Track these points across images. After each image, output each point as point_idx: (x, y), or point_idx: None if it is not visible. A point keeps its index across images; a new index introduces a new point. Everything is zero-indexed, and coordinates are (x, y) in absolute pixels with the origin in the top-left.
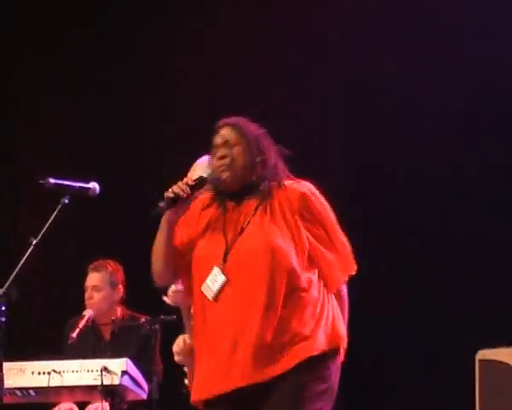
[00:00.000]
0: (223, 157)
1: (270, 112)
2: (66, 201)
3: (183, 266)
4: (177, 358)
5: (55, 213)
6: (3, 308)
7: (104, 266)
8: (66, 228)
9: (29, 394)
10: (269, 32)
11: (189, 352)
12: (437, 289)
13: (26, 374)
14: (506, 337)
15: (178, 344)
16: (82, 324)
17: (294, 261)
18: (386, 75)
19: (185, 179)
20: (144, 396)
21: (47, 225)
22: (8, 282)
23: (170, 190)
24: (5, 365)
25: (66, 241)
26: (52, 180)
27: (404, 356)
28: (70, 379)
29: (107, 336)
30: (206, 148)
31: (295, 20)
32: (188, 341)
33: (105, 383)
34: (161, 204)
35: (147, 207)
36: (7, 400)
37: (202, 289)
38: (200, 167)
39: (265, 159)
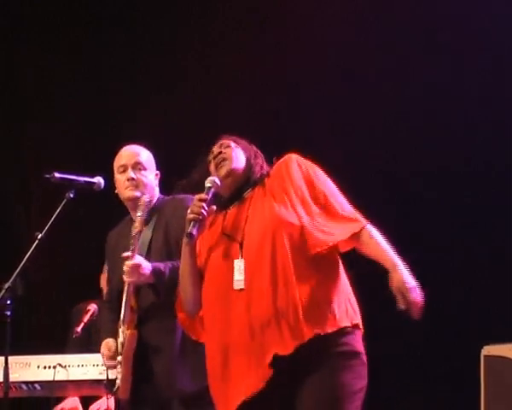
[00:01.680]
0: (219, 153)
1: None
2: (72, 195)
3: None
4: (109, 362)
5: (60, 207)
6: (9, 302)
7: None
8: (73, 222)
9: (34, 388)
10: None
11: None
12: (441, 285)
13: (31, 368)
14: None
15: (110, 349)
16: (87, 318)
17: (297, 228)
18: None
19: (196, 198)
20: None
21: (52, 220)
22: (14, 276)
23: (189, 212)
24: (11, 359)
25: (71, 234)
26: (57, 174)
27: (408, 352)
28: (75, 373)
29: None
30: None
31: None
32: (113, 344)
33: (110, 377)
34: (190, 229)
35: None
36: (12, 394)
37: (235, 286)
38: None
39: (256, 158)
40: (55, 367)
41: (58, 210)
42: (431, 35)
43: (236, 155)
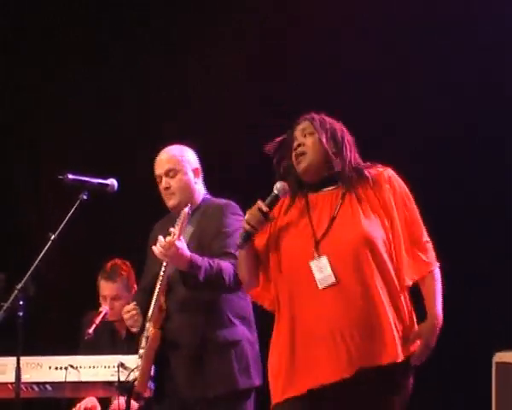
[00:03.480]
0: (298, 145)
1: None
2: (85, 197)
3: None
4: (129, 321)
5: (74, 208)
6: (21, 303)
7: (118, 273)
8: (85, 223)
9: (46, 388)
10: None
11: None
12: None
13: (43, 369)
14: None
15: (127, 310)
16: (98, 320)
17: (386, 252)
18: None
19: (256, 208)
20: None
21: (65, 221)
22: (26, 277)
23: (246, 220)
24: (22, 359)
25: (84, 236)
26: (71, 176)
27: None
28: (87, 375)
29: (123, 333)
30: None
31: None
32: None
33: (122, 379)
34: (241, 243)
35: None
36: (23, 394)
37: (320, 285)
38: (275, 187)
39: (342, 150)
40: (66, 368)
41: (71, 211)
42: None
43: (318, 146)
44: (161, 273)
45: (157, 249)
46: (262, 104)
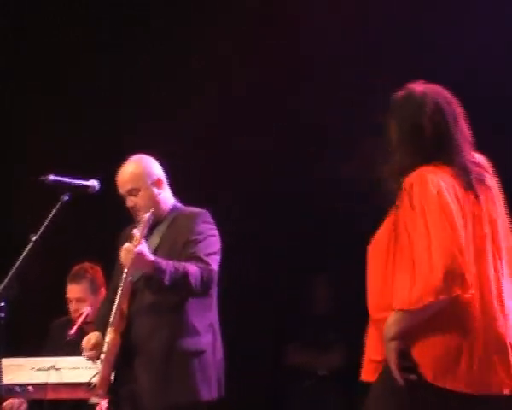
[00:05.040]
0: None
1: None
2: (66, 198)
3: None
4: (88, 354)
5: (55, 210)
6: (3, 304)
7: (83, 275)
8: (67, 225)
9: (28, 390)
10: None
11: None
12: None
13: (25, 370)
14: None
15: (89, 341)
16: (80, 320)
17: None
18: None
19: None
20: None
21: (46, 222)
22: (8, 278)
23: None
24: (4, 361)
25: (65, 237)
26: (52, 177)
27: None
28: (69, 376)
29: None
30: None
31: None
32: (93, 337)
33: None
34: None
35: None
36: (6, 395)
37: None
38: None
39: None
40: (48, 370)
41: (53, 212)
42: None
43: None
44: (123, 277)
45: (121, 253)
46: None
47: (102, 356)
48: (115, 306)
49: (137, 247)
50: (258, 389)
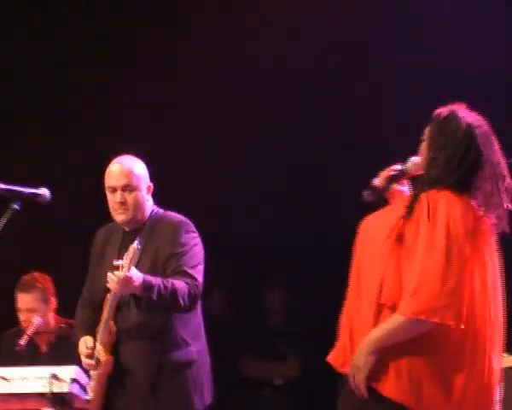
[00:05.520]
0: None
1: None
2: (16, 206)
3: None
4: (87, 361)
5: (5, 218)
6: None
7: (33, 285)
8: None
9: None
10: None
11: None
12: None
13: None
14: None
15: (88, 347)
16: (31, 331)
17: None
18: None
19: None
20: None
21: None
22: None
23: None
24: None
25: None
26: (2, 186)
27: None
28: (18, 386)
29: (44, 348)
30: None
31: None
32: (90, 341)
33: (54, 390)
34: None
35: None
36: None
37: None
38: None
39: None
40: None
41: (3, 221)
42: None
43: (423, 154)
44: (111, 298)
45: (109, 282)
46: None
47: (93, 373)
48: (103, 325)
49: (126, 274)
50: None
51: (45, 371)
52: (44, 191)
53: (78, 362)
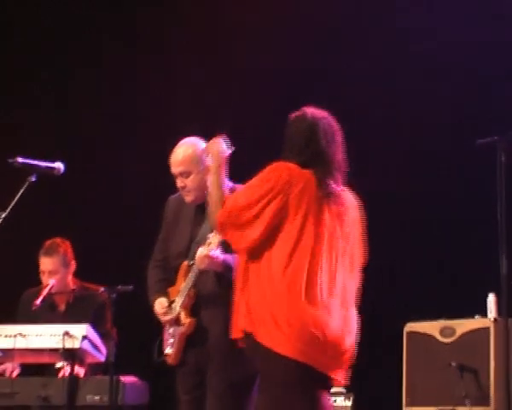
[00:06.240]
0: None
1: None
2: (33, 179)
3: None
4: (165, 318)
5: (22, 190)
6: None
7: (55, 249)
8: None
9: None
10: None
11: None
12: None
13: None
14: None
15: (163, 307)
16: (46, 292)
17: None
18: None
19: None
20: (102, 359)
21: (15, 201)
22: None
23: None
24: None
25: (28, 216)
26: (20, 159)
27: None
28: (34, 342)
29: (62, 307)
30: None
31: None
32: (165, 301)
33: (66, 346)
34: None
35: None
36: None
37: None
38: None
39: None
40: (15, 336)
41: (20, 192)
42: None
43: None
44: (194, 269)
45: (196, 257)
46: None
47: (175, 331)
48: (183, 289)
49: (211, 253)
50: None
51: (59, 328)
52: (59, 165)
53: (91, 321)
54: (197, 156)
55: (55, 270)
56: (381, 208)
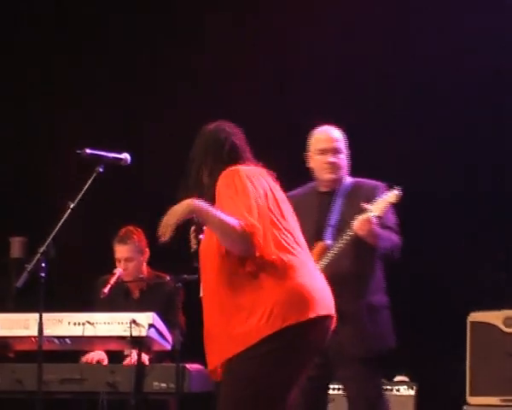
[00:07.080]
0: None
1: None
2: (101, 169)
3: None
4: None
5: (91, 180)
6: (43, 265)
7: (130, 237)
8: (100, 193)
9: (65, 342)
10: None
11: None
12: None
13: (62, 324)
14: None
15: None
16: (113, 280)
17: None
18: None
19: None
20: (168, 347)
21: (83, 191)
22: (47, 241)
23: None
24: (44, 315)
25: (100, 205)
26: (88, 150)
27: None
28: (102, 330)
29: (136, 294)
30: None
31: None
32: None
33: (133, 334)
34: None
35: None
36: (45, 346)
37: None
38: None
39: None
40: (84, 324)
41: (89, 183)
42: None
43: None
44: (347, 235)
45: (355, 225)
46: None
47: None
48: (334, 253)
49: (372, 219)
50: None
51: (126, 316)
52: (126, 156)
53: (162, 308)
54: (344, 139)
55: (130, 257)
56: (447, 201)
